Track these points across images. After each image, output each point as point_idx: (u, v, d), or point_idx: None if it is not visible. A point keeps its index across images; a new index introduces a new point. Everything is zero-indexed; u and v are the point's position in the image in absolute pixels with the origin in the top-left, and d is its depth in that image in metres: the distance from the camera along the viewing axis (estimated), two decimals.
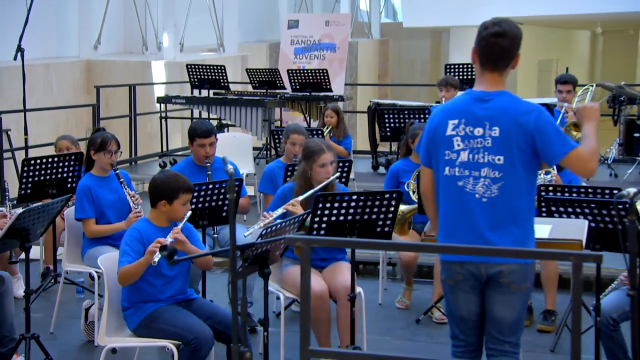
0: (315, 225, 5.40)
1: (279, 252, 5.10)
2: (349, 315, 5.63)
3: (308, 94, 11.75)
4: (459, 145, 4.18)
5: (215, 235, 6.84)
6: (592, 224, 5.40)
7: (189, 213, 5.23)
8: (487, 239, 4.16)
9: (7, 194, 8.90)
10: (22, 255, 6.12)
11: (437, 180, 4.35)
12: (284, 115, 13.50)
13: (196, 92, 12.90)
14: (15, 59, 10.21)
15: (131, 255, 4.97)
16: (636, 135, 11.37)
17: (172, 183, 5.15)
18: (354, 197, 5.46)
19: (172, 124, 14.89)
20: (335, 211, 5.40)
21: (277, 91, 12.15)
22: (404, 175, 7.35)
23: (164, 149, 13.22)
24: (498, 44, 4.13)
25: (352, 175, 10.14)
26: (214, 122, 12.67)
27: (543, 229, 4.69)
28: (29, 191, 7.34)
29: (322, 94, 11.77)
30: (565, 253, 3.24)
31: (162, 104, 12.58)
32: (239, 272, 4.86)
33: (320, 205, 5.35)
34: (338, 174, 6.20)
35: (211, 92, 12.36)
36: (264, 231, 4.80)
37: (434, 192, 4.46)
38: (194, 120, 9.28)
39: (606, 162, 12.01)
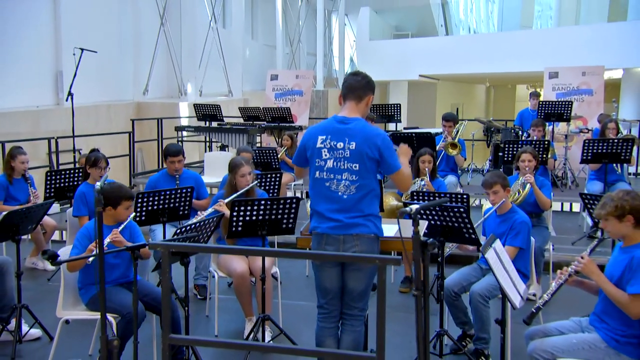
0: (234, 223, 4.63)
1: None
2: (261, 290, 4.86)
3: (277, 124, 11.06)
4: (326, 155, 3.78)
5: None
6: (439, 222, 4.64)
7: (132, 215, 4.43)
8: (344, 220, 3.73)
9: None
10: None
11: (310, 180, 3.88)
12: (264, 139, 12.84)
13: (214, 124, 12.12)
14: (66, 100, 9.53)
15: (78, 248, 4.24)
16: (500, 154, 10.66)
17: (116, 192, 4.36)
18: (262, 202, 4.66)
19: (193, 145, 14.20)
20: (248, 212, 4.63)
21: (259, 122, 11.41)
22: None
23: None
24: (353, 79, 3.89)
25: (302, 181, 9.46)
26: (219, 144, 11.97)
27: (392, 228, 4.08)
28: (52, 194, 6.59)
29: (287, 124, 11.09)
30: (372, 257, 2.72)
31: (178, 132, 11.84)
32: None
33: (236, 208, 4.57)
34: (256, 181, 5.42)
35: (215, 123, 11.55)
36: (178, 230, 3.99)
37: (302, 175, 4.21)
38: (169, 144, 8.39)
39: (482, 172, 11.30)
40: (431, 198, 5.68)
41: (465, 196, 5.72)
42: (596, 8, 21.94)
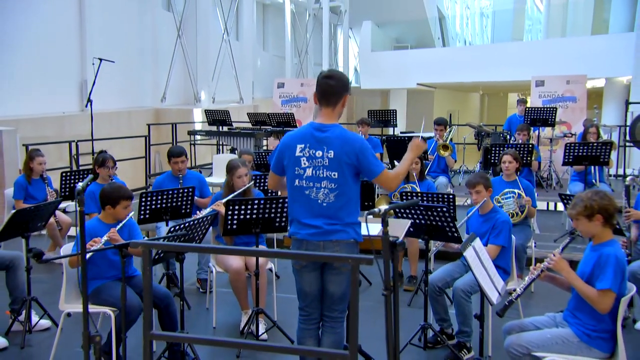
0: (229, 221, 4.47)
1: (194, 242, 4.10)
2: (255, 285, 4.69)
3: (282, 128, 10.88)
4: (305, 163, 3.45)
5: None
6: (423, 221, 4.47)
7: (131, 214, 4.27)
8: (323, 226, 3.43)
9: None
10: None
11: (289, 187, 3.55)
12: (270, 142, 12.57)
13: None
14: (86, 106, 9.40)
15: (78, 245, 4.01)
16: (489, 156, 10.47)
17: (115, 193, 4.19)
18: (256, 201, 4.50)
19: (206, 148, 14.07)
20: (242, 211, 4.46)
21: (265, 127, 11.24)
22: None
23: (193, 164, 12.32)
24: (327, 84, 3.50)
25: None
26: (229, 147, 11.81)
27: (374, 227, 3.81)
28: (67, 194, 6.47)
29: (291, 128, 10.85)
30: (346, 257, 2.42)
31: (191, 135, 11.68)
32: (159, 258, 3.91)
33: (231, 207, 4.41)
34: (252, 182, 5.20)
35: (226, 127, 11.38)
36: (172, 228, 3.83)
37: (276, 188, 3.79)
38: (172, 145, 8.20)
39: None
40: (418, 198, 5.52)
41: (451, 196, 5.56)
42: (581, 22, 21.66)
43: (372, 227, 3.82)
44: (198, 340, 2.91)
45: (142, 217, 5.16)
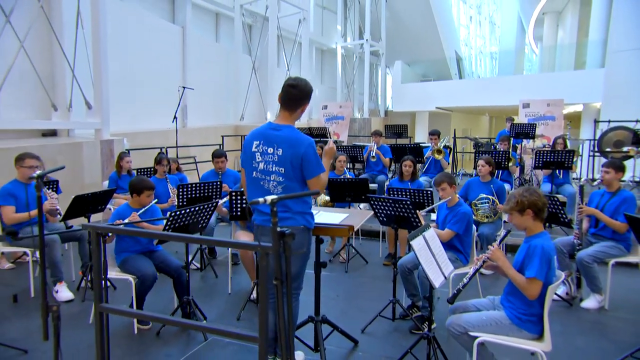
0: (234, 208, 4.01)
1: (200, 225, 3.65)
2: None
3: (319, 139, 10.27)
4: (259, 158, 2.91)
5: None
6: (393, 213, 3.86)
7: (154, 201, 3.88)
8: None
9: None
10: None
11: (247, 178, 3.01)
12: None
13: None
14: (172, 122, 9.17)
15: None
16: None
17: (140, 184, 3.82)
18: None
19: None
20: (243, 201, 3.98)
21: None
22: None
23: None
24: (290, 92, 2.89)
25: None
26: None
27: (339, 216, 3.26)
28: None
29: (324, 139, 10.32)
30: (254, 245, 1.93)
31: None
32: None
33: (233, 197, 3.95)
34: None
35: None
36: (171, 217, 3.36)
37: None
38: (216, 149, 7.89)
39: (470, 176, 10.10)
40: (392, 195, 4.87)
41: (429, 192, 4.89)
42: (566, 60, 20.19)
43: (333, 217, 3.27)
44: (139, 315, 2.45)
45: (180, 203, 4.77)
